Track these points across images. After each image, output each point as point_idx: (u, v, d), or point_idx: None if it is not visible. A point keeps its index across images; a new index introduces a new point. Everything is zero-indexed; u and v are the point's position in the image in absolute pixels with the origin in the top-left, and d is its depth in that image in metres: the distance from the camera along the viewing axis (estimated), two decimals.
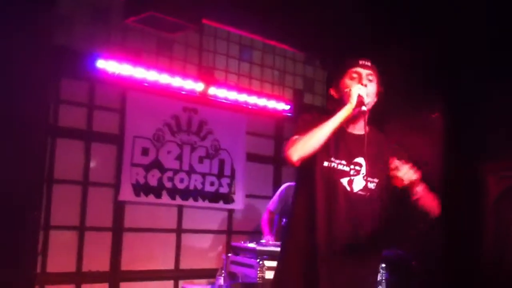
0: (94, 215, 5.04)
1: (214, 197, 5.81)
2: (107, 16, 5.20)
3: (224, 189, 5.89)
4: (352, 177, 2.51)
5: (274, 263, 3.90)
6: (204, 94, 5.70)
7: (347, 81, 2.58)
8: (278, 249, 4.14)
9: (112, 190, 5.18)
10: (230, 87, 5.96)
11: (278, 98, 6.40)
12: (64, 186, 4.91)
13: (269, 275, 4.20)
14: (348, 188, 2.50)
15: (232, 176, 5.96)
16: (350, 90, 2.50)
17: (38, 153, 4.66)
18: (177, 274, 5.53)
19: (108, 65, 5.03)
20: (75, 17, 5.00)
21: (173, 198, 5.50)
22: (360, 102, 2.47)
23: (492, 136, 5.59)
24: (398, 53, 5.76)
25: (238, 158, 6.02)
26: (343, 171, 2.52)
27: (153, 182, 5.36)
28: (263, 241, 4.87)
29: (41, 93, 4.70)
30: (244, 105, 6.05)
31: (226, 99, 5.89)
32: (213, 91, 5.78)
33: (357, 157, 2.54)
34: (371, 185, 2.54)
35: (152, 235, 5.40)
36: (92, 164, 5.10)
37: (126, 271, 5.18)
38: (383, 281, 4.94)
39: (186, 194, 5.58)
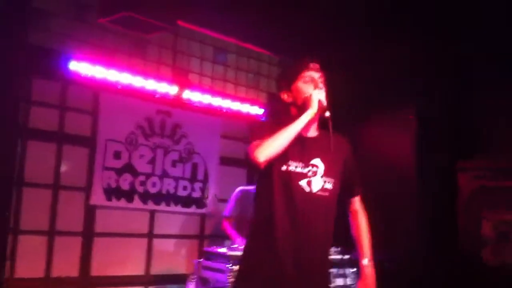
0: (64, 220, 4.95)
1: (187, 201, 5.77)
2: (82, 15, 5.12)
3: (196, 194, 5.85)
4: (310, 178, 2.59)
5: None
6: (178, 97, 5.66)
7: (300, 84, 2.64)
8: None
9: (83, 194, 5.10)
10: (204, 90, 5.93)
11: (252, 102, 6.38)
12: (34, 190, 4.81)
13: None
14: (307, 189, 2.57)
15: (205, 180, 5.93)
16: (309, 95, 2.57)
17: (7, 155, 4.57)
18: (148, 280, 5.48)
19: (81, 67, 4.95)
20: (50, 15, 4.91)
21: (145, 202, 5.44)
22: (322, 107, 2.57)
23: (465, 135, 5.68)
24: (375, 53, 5.80)
25: (211, 161, 5.99)
26: (301, 173, 2.58)
27: (125, 186, 5.29)
28: (235, 245, 4.84)
29: (11, 93, 4.61)
30: (218, 109, 6.03)
31: (200, 102, 5.86)
32: (187, 94, 5.74)
33: (313, 158, 2.62)
34: (329, 185, 2.63)
35: (123, 240, 5.33)
36: (63, 167, 5.00)
37: (96, 276, 5.11)
38: (355, 285, 4.97)
39: (158, 198, 5.53)
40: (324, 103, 2.58)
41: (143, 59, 5.59)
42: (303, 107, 2.58)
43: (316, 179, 2.60)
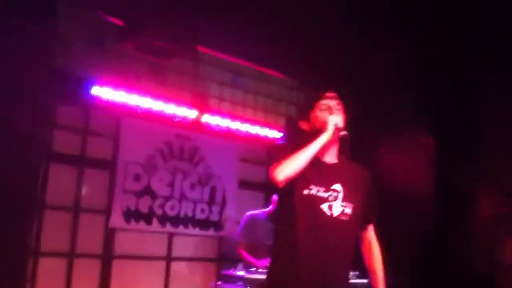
0: (84, 242, 5.03)
1: (205, 224, 5.81)
2: (103, 41, 5.21)
3: (214, 216, 5.90)
4: (331, 203, 2.66)
5: None
6: (197, 121, 5.73)
7: (318, 113, 2.76)
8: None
9: (103, 216, 5.18)
10: (223, 115, 5.99)
11: (271, 126, 6.43)
12: (55, 212, 4.90)
13: None
14: (329, 213, 2.64)
15: (223, 203, 5.98)
16: (326, 120, 2.68)
17: (31, 178, 4.66)
18: None
19: (103, 92, 5.06)
20: (74, 41, 5.01)
21: (164, 225, 5.50)
22: (338, 129, 2.67)
23: (486, 159, 5.65)
24: (392, 75, 5.83)
25: (229, 185, 6.04)
26: (323, 197, 2.66)
27: (144, 208, 5.36)
28: (252, 269, 4.86)
29: (37, 116, 4.70)
30: (237, 133, 6.08)
31: (219, 126, 5.92)
32: (206, 118, 5.81)
33: (334, 183, 2.70)
34: (348, 210, 2.70)
35: (141, 262, 5.39)
36: (84, 190, 5.10)
37: None
38: None
39: (176, 221, 5.59)
40: (340, 125, 2.67)
41: (163, 84, 5.68)
42: (320, 132, 2.66)
43: (337, 204, 2.67)
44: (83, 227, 5.03)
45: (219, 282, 4.94)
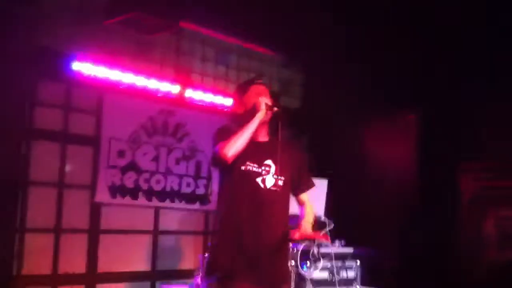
0: (70, 217, 5.04)
1: (191, 198, 5.85)
2: (86, 17, 5.17)
3: (200, 190, 5.93)
4: (264, 176, 3.04)
5: None
6: (180, 96, 5.74)
7: (249, 96, 3.14)
8: None
9: (89, 192, 5.18)
10: (206, 89, 6.00)
11: None
12: (40, 189, 4.90)
13: None
14: (262, 186, 3.03)
15: (208, 177, 6.01)
16: (257, 101, 3.04)
17: (13, 155, 4.66)
18: (154, 275, 5.55)
19: (84, 67, 5.04)
20: (55, 17, 4.97)
21: (150, 199, 5.53)
22: (268, 107, 3.04)
23: (468, 136, 5.72)
24: (375, 55, 5.88)
25: None
26: (257, 172, 3.04)
27: (129, 183, 5.38)
28: None
29: (17, 94, 4.69)
30: (220, 107, 6.10)
31: (202, 101, 5.94)
32: (189, 93, 5.82)
33: (266, 159, 3.08)
34: (280, 182, 3.08)
35: (128, 236, 5.41)
36: (68, 166, 5.09)
37: (103, 273, 5.19)
38: (357, 277, 5.02)
39: (162, 195, 5.61)
40: (269, 103, 3.05)
41: (146, 60, 5.68)
42: (253, 111, 3.04)
43: (269, 177, 3.05)
44: (69, 202, 5.03)
45: (206, 255, 4.99)
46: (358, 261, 5.07)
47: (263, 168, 3.04)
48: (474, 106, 5.65)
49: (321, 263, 4.55)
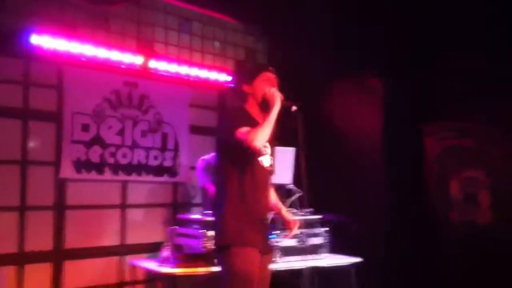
0: (35, 194, 4.95)
1: (158, 170, 5.80)
2: None
3: (168, 163, 5.88)
4: (264, 156, 3.29)
5: None
6: (144, 67, 5.64)
7: (260, 82, 3.33)
8: None
9: (53, 168, 5.09)
10: (170, 60, 5.91)
11: (220, 69, 6.39)
12: (2, 167, 4.79)
13: None
14: (263, 164, 3.29)
15: (176, 149, 5.96)
16: (272, 92, 3.24)
17: None
18: (123, 250, 5.52)
19: (42, 41, 4.90)
20: None
21: (116, 173, 5.46)
22: (285, 104, 3.24)
23: (431, 97, 5.77)
24: (339, 21, 5.85)
25: (181, 131, 6.01)
26: (260, 152, 3.24)
27: (94, 158, 5.30)
28: (208, 212, 4.91)
29: None
30: (186, 78, 6.02)
31: (167, 72, 5.85)
32: (153, 64, 5.71)
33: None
34: (271, 162, 3.38)
35: (96, 212, 5.35)
36: (31, 143, 4.98)
37: (70, 249, 5.13)
38: (327, 243, 5.08)
39: (129, 169, 5.55)
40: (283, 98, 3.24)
41: (106, 31, 5.55)
42: (263, 100, 3.27)
43: (267, 157, 3.32)
44: (33, 179, 4.93)
45: (176, 227, 4.98)
46: (327, 228, 5.11)
47: (263, 149, 3.25)
48: (435, 68, 5.70)
49: None
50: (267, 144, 3.29)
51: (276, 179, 4.14)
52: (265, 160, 3.30)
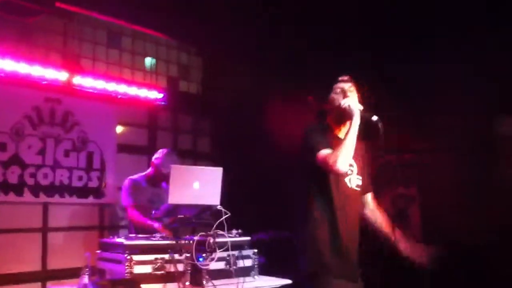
0: None
1: (83, 192, 5.55)
2: None
3: (93, 183, 5.64)
4: (350, 176, 3.11)
5: (143, 257, 3.85)
6: (68, 83, 5.43)
7: (333, 95, 3.19)
8: (148, 242, 4.03)
9: None
10: (97, 76, 5.71)
11: (150, 86, 6.22)
12: None
13: (138, 269, 4.02)
14: (349, 185, 3.10)
15: (102, 169, 5.73)
16: (347, 106, 3.05)
17: None
18: (45, 275, 5.24)
19: None
20: None
21: (37, 195, 5.19)
22: (363, 115, 3.04)
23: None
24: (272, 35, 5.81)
25: (108, 149, 5.79)
26: (345, 172, 3.04)
27: (12, 179, 5.02)
28: (132, 235, 4.69)
29: None
30: (114, 95, 5.83)
31: (93, 88, 5.66)
32: (78, 80, 5.52)
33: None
34: (360, 182, 3.17)
35: (15, 235, 5.06)
36: None
37: None
38: (255, 266, 4.93)
39: (51, 190, 5.29)
40: (361, 108, 3.05)
41: (30, 45, 5.32)
42: (338, 114, 3.12)
43: (353, 177, 3.13)
44: None
45: (99, 251, 4.74)
46: (256, 250, 4.97)
47: (349, 168, 3.06)
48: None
49: (217, 253, 4.41)
50: (353, 162, 3.11)
51: (203, 200, 4.05)
52: (352, 180, 3.12)
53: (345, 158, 2.92)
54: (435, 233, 5.42)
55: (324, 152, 2.96)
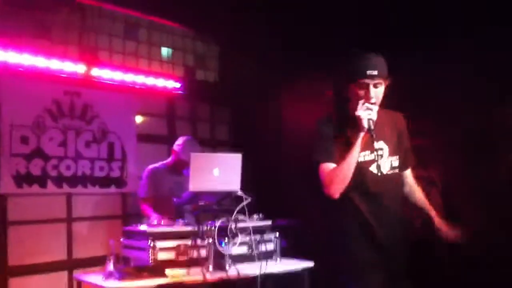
0: None
1: (105, 182, 5.63)
2: None
3: (115, 173, 5.72)
4: (378, 162, 2.82)
5: (166, 244, 3.94)
6: (86, 76, 5.49)
7: (352, 90, 2.82)
8: (170, 229, 4.08)
9: None
10: (114, 67, 5.77)
11: (167, 76, 6.27)
12: None
13: (162, 256, 4.10)
14: (378, 172, 2.82)
15: (123, 159, 5.80)
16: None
17: None
18: (72, 264, 5.34)
19: None
20: None
21: (60, 186, 5.28)
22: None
23: None
24: (289, 25, 5.79)
25: (128, 140, 5.86)
26: (370, 160, 2.83)
27: (36, 171, 5.11)
28: (154, 222, 4.75)
29: None
30: (132, 86, 5.89)
31: (111, 80, 5.71)
32: (96, 72, 5.58)
33: (377, 142, 2.80)
34: (395, 163, 2.90)
35: (40, 226, 5.16)
36: None
37: (15, 266, 4.92)
38: (277, 249, 4.97)
39: (73, 181, 5.37)
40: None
41: (48, 40, 5.38)
42: (352, 118, 2.77)
43: (383, 161, 2.85)
44: None
45: (123, 239, 4.82)
46: (277, 233, 5.01)
47: (375, 153, 2.81)
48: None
49: (239, 238, 4.46)
50: (383, 145, 2.84)
51: (224, 186, 4.09)
52: (382, 165, 2.84)
53: (339, 186, 2.74)
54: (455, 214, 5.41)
55: (325, 166, 2.79)
